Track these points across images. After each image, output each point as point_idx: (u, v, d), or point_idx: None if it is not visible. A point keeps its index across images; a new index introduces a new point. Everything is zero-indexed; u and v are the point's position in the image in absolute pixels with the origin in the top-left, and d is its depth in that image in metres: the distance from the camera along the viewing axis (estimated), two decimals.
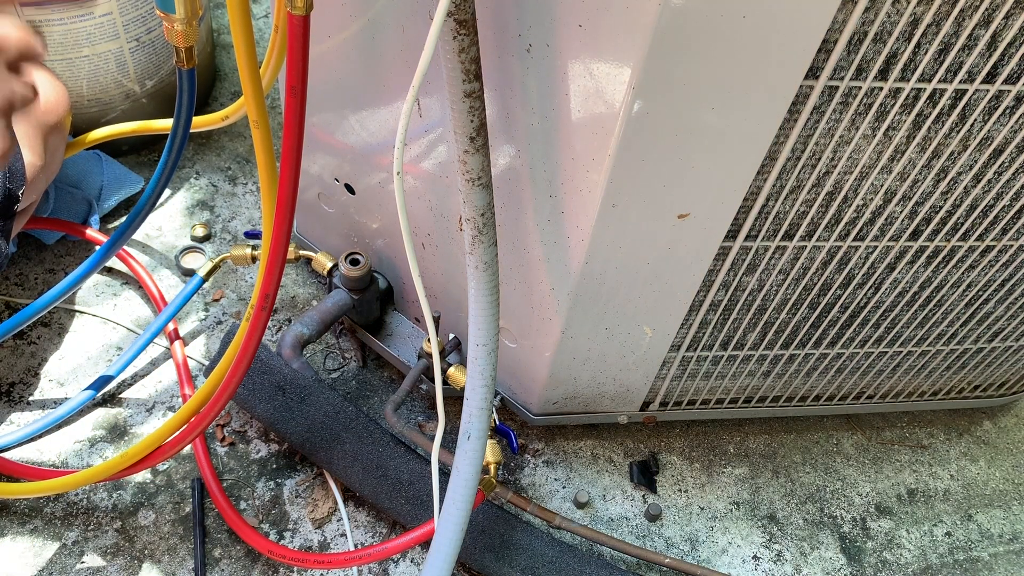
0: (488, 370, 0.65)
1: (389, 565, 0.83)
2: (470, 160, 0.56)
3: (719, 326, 0.78)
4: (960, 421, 1.05)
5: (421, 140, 0.71)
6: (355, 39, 0.70)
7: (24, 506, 0.81)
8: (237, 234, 1.06)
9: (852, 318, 0.81)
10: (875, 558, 0.91)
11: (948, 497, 0.98)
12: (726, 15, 0.49)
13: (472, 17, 0.50)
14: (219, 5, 1.34)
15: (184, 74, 0.69)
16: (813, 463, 0.98)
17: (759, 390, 0.91)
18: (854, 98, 0.56)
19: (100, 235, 0.95)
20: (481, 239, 0.60)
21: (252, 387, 0.83)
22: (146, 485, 0.84)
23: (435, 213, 0.76)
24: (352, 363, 0.97)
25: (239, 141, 1.17)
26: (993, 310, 0.83)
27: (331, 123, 0.80)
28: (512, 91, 0.59)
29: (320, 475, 0.87)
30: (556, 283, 0.70)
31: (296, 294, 1.03)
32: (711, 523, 0.91)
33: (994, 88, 0.57)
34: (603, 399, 0.87)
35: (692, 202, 0.62)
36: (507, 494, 0.83)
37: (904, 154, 0.62)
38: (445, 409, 0.67)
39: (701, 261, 0.69)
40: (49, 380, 0.90)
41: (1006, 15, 0.52)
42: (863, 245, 0.71)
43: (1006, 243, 0.73)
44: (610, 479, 0.92)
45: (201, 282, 0.92)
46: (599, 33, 0.51)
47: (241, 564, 0.80)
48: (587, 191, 0.60)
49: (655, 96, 0.53)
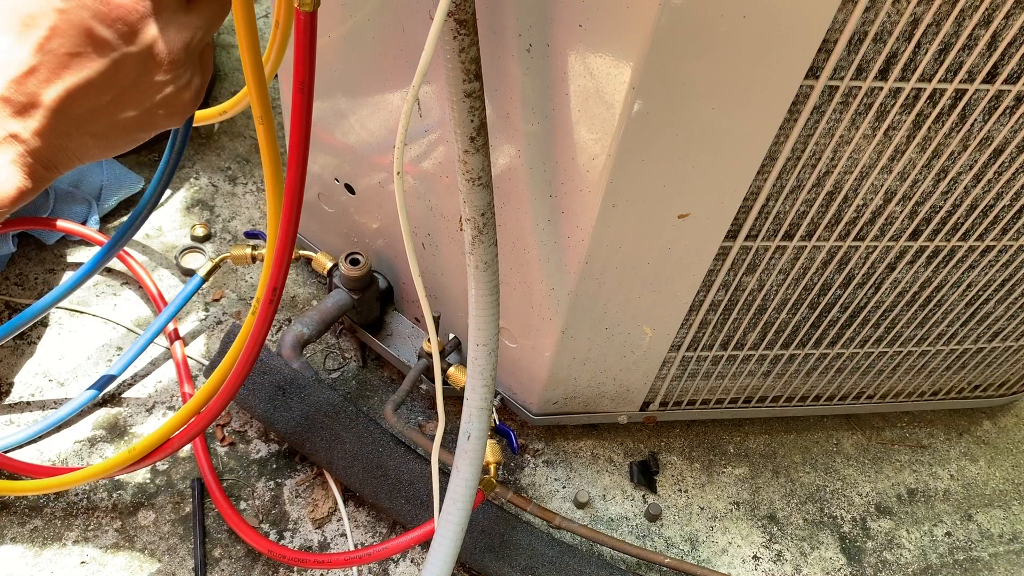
0: (488, 370, 0.65)
1: (389, 565, 0.83)
2: (470, 160, 0.56)
3: (719, 326, 0.78)
4: (960, 421, 1.05)
5: (421, 140, 0.71)
6: (355, 39, 0.70)
7: (24, 506, 0.81)
8: (237, 234, 1.06)
9: (852, 318, 0.81)
10: (875, 558, 0.91)
11: (948, 497, 0.98)
12: (726, 15, 0.48)
13: (472, 17, 0.50)
14: None
15: None
16: (813, 463, 0.98)
17: (759, 390, 0.91)
18: (854, 98, 0.56)
19: (100, 235, 0.95)
20: (481, 239, 0.60)
21: (252, 387, 0.83)
22: (146, 485, 0.84)
23: (435, 213, 0.76)
24: (352, 363, 0.97)
25: (239, 141, 1.17)
26: (993, 310, 0.83)
27: (331, 123, 0.80)
28: (512, 91, 0.59)
29: (320, 475, 0.87)
30: (556, 283, 0.70)
31: (296, 294, 1.03)
32: (711, 523, 0.91)
33: (994, 88, 0.57)
34: (603, 399, 0.87)
35: (692, 202, 0.62)
36: (507, 494, 0.83)
37: (904, 154, 0.62)
38: (445, 409, 0.67)
39: (701, 261, 0.69)
40: (49, 380, 0.90)
41: (1006, 15, 0.52)
42: (863, 245, 0.71)
43: (1006, 243, 0.73)
44: (610, 479, 0.92)
45: (201, 282, 0.92)
46: (599, 33, 0.51)
47: (241, 564, 0.80)
48: (587, 191, 0.60)
49: (655, 96, 0.53)
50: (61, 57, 0.40)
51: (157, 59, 0.43)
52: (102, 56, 0.41)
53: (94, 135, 0.43)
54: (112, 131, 0.44)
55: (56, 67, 0.40)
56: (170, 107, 0.45)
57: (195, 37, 0.45)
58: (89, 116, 0.42)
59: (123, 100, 0.43)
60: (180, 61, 0.44)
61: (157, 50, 0.43)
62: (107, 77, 0.42)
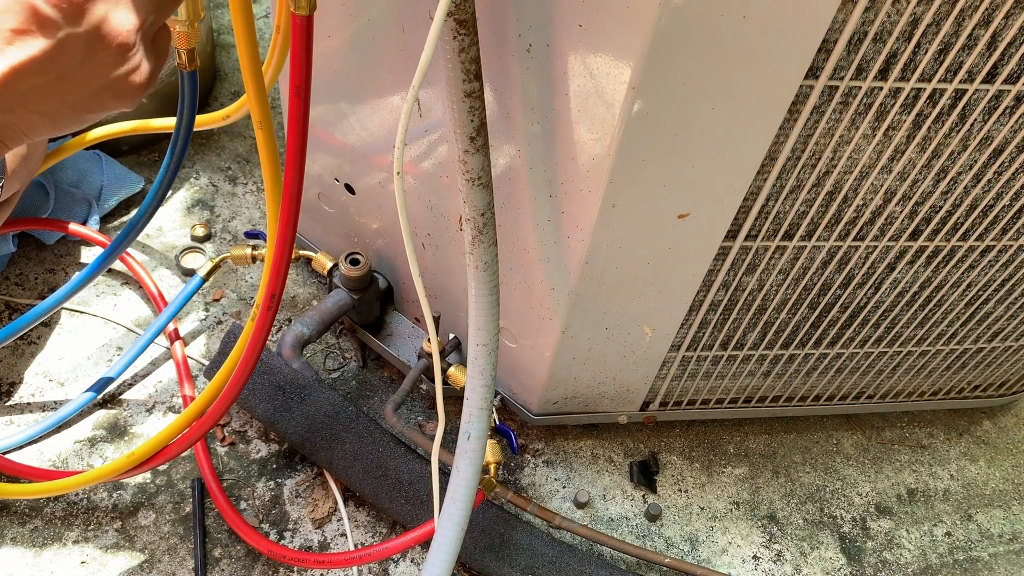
0: (488, 370, 0.65)
1: (389, 565, 0.83)
2: (470, 160, 0.56)
3: (719, 326, 0.78)
4: (960, 421, 1.05)
5: (421, 140, 0.71)
6: (355, 39, 0.70)
7: (24, 506, 0.81)
8: (237, 234, 1.06)
9: (852, 318, 0.81)
10: (875, 558, 0.91)
11: (948, 497, 0.98)
12: (726, 15, 0.48)
13: (472, 17, 0.50)
14: (219, 5, 1.34)
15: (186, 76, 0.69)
16: (813, 463, 0.98)
17: (759, 390, 0.91)
18: (854, 98, 0.56)
19: (100, 235, 0.95)
20: (481, 239, 0.60)
21: (252, 387, 0.83)
22: (146, 485, 0.84)
23: (435, 213, 0.76)
24: (352, 363, 0.97)
25: (239, 141, 1.17)
26: (993, 310, 0.83)
27: (331, 123, 0.80)
28: (512, 91, 0.59)
29: (320, 475, 0.87)
30: (556, 283, 0.70)
31: (296, 294, 1.03)
32: (711, 523, 0.91)
33: (994, 88, 0.57)
34: (603, 399, 0.87)
35: (692, 202, 0.62)
36: (507, 494, 0.83)
37: (904, 154, 0.62)
38: (445, 409, 0.67)
39: (701, 261, 0.69)
40: (49, 380, 0.90)
41: (1006, 15, 0.52)
42: (863, 245, 0.71)
43: (1006, 243, 0.73)
44: (610, 479, 0.92)
45: (201, 282, 0.92)
46: (599, 33, 0.51)
47: (241, 564, 0.80)
48: (587, 191, 0.60)
49: (655, 96, 0.53)
50: (5, 34, 0.40)
51: (104, 41, 0.42)
52: (47, 36, 0.40)
53: (40, 113, 0.43)
54: (59, 111, 0.43)
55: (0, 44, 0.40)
56: (119, 90, 0.44)
57: (146, 20, 0.44)
58: (34, 94, 0.42)
59: (69, 80, 0.42)
60: (129, 44, 0.43)
61: (104, 31, 0.42)
62: (51, 57, 0.41)
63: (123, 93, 0.45)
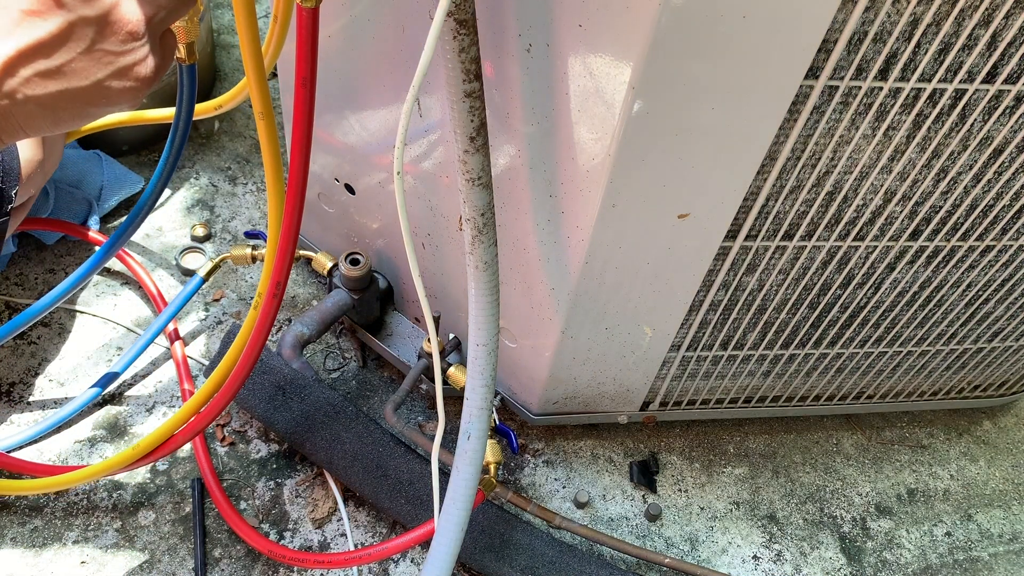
0: (488, 370, 0.65)
1: (389, 565, 0.83)
2: (470, 160, 0.56)
3: (719, 326, 0.78)
4: (960, 421, 1.05)
5: (421, 140, 0.71)
6: (355, 39, 0.70)
7: (24, 506, 0.81)
8: (237, 234, 1.06)
9: (852, 318, 0.81)
10: (875, 558, 0.91)
11: (948, 497, 0.98)
12: (726, 15, 0.49)
13: (472, 17, 0.50)
14: (219, 5, 1.34)
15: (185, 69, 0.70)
16: (813, 463, 0.98)
17: (759, 390, 0.91)
18: (854, 98, 0.56)
19: (100, 235, 0.95)
20: (481, 239, 0.60)
21: (252, 387, 0.83)
22: (146, 485, 0.84)
23: (435, 213, 0.76)
24: (352, 363, 0.97)
25: (239, 141, 1.17)
26: (993, 310, 0.83)
27: (331, 123, 0.80)
28: (512, 91, 0.59)
29: (320, 475, 0.87)
30: (556, 283, 0.70)
31: (296, 294, 1.03)
32: (711, 523, 0.91)
33: (994, 88, 0.57)
34: (603, 399, 0.87)
35: (692, 202, 0.62)
36: (507, 494, 0.83)
37: (904, 154, 0.62)
38: (445, 409, 0.67)
39: (701, 261, 0.69)
40: (49, 380, 0.90)
41: (1006, 15, 0.52)
42: (863, 245, 0.71)
43: (1006, 243, 0.73)
44: (610, 479, 0.92)
45: (201, 282, 0.92)
46: (599, 33, 0.51)
47: (241, 564, 0.80)
48: (587, 191, 0.60)
49: (655, 96, 0.53)
50: (15, 13, 0.40)
51: (114, 27, 0.42)
52: (57, 16, 0.40)
53: (40, 103, 0.42)
54: (60, 101, 0.43)
55: (8, 23, 0.39)
56: (123, 79, 0.44)
57: (157, 15, 0.44)
58: (38, 79, 0.41)
59: (74, 66, 0.42)
60: (138, 33, 0.43)
61: (115, 17, 0.42)
62: (59, 39, 0.41)
63: (127, 83, 0.45)
